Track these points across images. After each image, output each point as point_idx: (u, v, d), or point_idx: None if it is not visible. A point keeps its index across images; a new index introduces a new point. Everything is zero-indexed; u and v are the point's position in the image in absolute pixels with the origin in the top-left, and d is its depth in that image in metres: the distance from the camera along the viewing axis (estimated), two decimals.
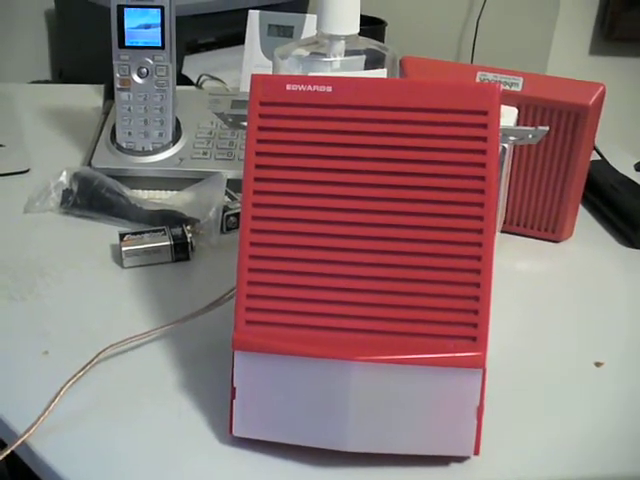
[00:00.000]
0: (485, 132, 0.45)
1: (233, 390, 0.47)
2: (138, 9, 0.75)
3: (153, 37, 0.76)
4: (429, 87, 0.46)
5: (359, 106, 0.46)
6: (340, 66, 0.62)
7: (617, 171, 0.83)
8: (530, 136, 0.51)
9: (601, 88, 0.66)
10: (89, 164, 0.79)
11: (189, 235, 0.67)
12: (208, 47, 1.24)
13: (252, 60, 0.88)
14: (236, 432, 0.47)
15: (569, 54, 1.56)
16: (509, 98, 0.66)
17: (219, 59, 1.20)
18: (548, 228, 0.73)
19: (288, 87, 0.46)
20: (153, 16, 0.75)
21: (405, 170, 0.45)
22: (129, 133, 0.79)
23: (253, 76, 0.47)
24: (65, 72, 1.37)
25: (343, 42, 0.61)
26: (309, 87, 0.46)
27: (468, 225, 0.45)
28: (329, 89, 0.46)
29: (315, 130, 0.46)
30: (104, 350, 0.53)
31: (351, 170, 0.46)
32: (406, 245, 0.45)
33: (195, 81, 1.10)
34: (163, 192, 0.78)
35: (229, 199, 0.74)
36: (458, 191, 0.45)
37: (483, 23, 1.53)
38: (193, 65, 1.15)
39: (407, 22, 1.54)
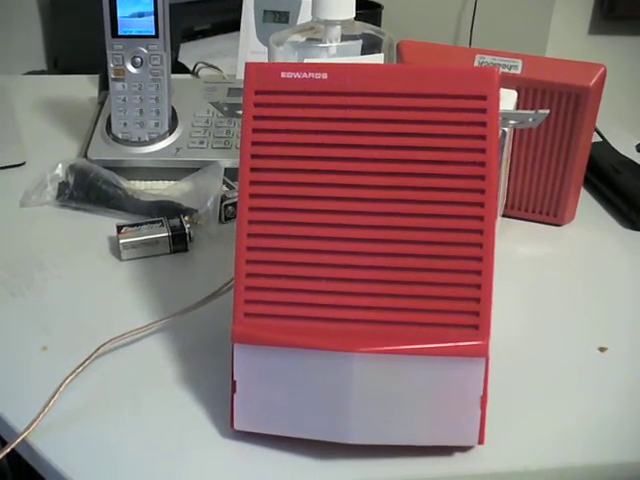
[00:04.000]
0: (485, 117, 0.44)
1: (233, 383, 0.46)
2: None
3: (147, 26, 0.75)
4: (427, 73, 0.45)
5: (355, 93, 0.45)
6: (336, 52, 0.61)
7: (618, 152, 0.82)
8: (530, 119, 0.51)
9: (602, 69, 0.65)
10: (85, 156, 0.78)
11: (187, 226, 0.67)
12: (204, 34, 1.23)
13: (248, 46, 0.87)
14: (237, 426, 0.47)
15: (568, 34, 1.55)
16: (508, 81, 0.65)
17: (215, 46, 1.19)
18: (550, 212, 0.72)
19: (283, 75, 0.46)
20: (146, 4, 0.74)
21: (404, 157, 0.45)
22: (125, 124, 0.78)
23: (247, 65, 0.46)
24: (60, 62, 1.36)
25: (339, 27, 0.60)
26: (304, 74, 0.45)
27: (469, 212, 0.44)
28: (324, 76, 0.45)
29: (311, 118, 0.45)
30: (103, 345, 0.53)
31: (349, 158, 0.45)
32: (406, 234, 0.45)
33: (192, 69, 1.09)
34: (160, 183, 0.77)
35: (227, 188, 0.73)
36: (458, 178, 0.44)
37: (481, 5, 1.52)
38: (189, 52, 1.15)
39: (404, 5, 1.53)
